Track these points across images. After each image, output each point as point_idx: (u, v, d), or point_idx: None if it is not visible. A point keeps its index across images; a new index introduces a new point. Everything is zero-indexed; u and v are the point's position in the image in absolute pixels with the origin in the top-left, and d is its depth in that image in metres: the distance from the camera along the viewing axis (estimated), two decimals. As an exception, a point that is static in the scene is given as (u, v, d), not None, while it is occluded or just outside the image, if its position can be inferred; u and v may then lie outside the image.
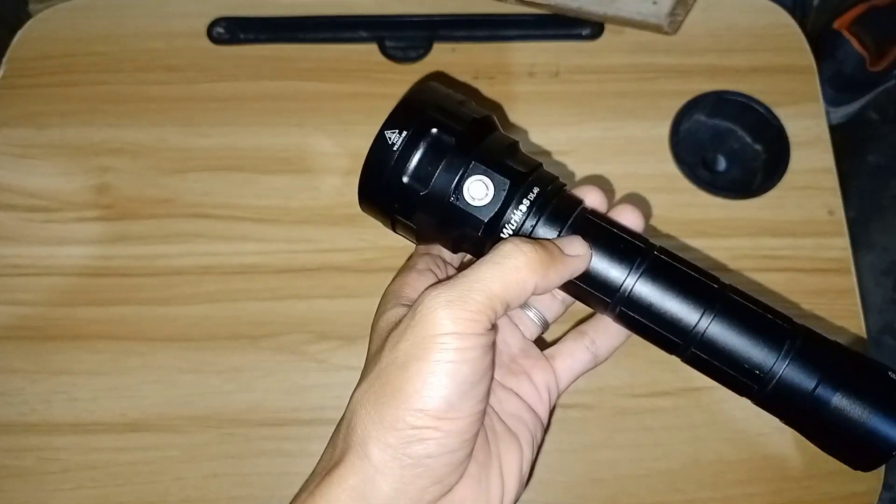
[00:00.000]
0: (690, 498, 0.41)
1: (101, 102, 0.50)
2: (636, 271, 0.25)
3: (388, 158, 0.26)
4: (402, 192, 0.26)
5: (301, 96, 0.50)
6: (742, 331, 0.25)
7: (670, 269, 0.26)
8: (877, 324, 0.91)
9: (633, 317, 0.26)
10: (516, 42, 0.52)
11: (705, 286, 0.26)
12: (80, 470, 0.41)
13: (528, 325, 0.31)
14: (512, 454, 0.27)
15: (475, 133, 0.27)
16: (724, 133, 0.51)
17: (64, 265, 0.45)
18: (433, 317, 0.23)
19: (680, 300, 0.25)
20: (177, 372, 0.42)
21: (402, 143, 0.25)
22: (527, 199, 0.26)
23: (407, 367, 0.23)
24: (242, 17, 0.52)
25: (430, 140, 0.26)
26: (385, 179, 0.26)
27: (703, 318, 0.25)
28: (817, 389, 0.24)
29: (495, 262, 0.24)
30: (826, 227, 0.46)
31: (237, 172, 0.47)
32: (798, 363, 0.24)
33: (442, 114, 0.26)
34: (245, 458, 0.41)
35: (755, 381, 0.25)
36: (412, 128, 0.26)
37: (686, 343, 0.25)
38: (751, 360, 0.25)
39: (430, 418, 0.23)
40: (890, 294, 0.92)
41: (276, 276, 0.45)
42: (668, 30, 0.51)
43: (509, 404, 0.28)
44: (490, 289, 0.24)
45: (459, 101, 0.27)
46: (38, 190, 0.47)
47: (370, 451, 0.23)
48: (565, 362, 0.30)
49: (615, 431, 0.42)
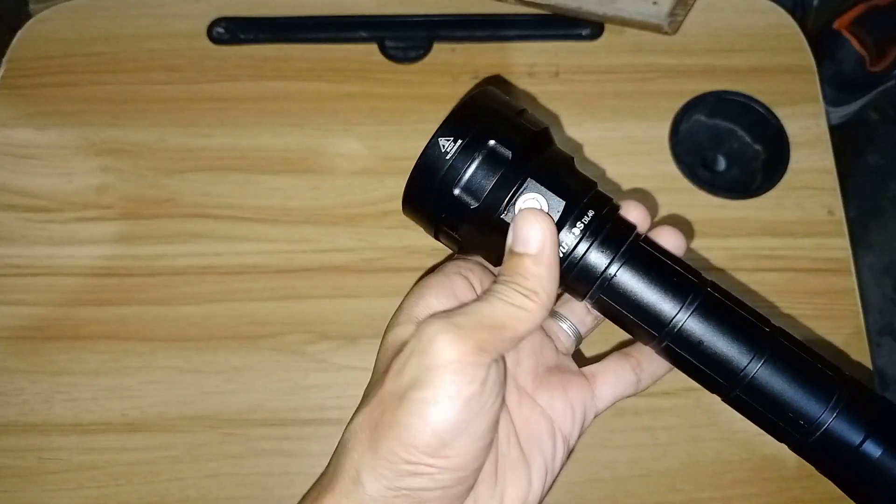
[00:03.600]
0: (690, 498, 0.41)
1: (101, 103, 0.50)
2: (688, 308, 0.24)
3: (440, 167, 0.24)
4: (451, 203, 0.25)
5: (301, 96, 0.50)
6: (791, 379, 0.24)
7: (722, 308, 0.25)
8: (876, 324, 0.91)
9: (680, 353, 0.25)
10: (516, 42, 0.52)
11: (756, 329, 0.25)
12: (80, 470, 0.41)
13: (561, 337, 0.30)
14: (518, 485, 0.26)
15: (532, 147, 0.25)
16: (723, 133, 0.51)
17: (64, 265, 0.45)
18: (439, 346, 0.22)
19: (730, 341, 0.24)
20: (177, 372, 0.42)
21: (455, 152, 0.24)
22: (581, 222, 0.25)
23: (404, 399, 0.23)
24: (242, 18, 0.52)
25: (485, 152, 0.24)
26: (435, 188, 0.25)
27: (753, 362, 0.24)
28: (863, 445, 0.23)
29: (495, 297, 0.24)
30: (826, 227, 0.46)
31: (237, 172, 0.47)
32: (846, 416, 0.24)
33: (500, 124, 0.25)
34: (245, 458, 0.41)
35: (799, 430, 0.24)
36: (468, 137, 0.24)
37: (731, 385, 0.25)
38: (798, 409, 0.24)
39: (423, 454, 0.22)
40: (889, 294, 0.92)
41: (276, 277, 0.45)
42: (668, 30, 0.51)
43: (533, 425, 0.27)
44: (501, 324, 0.23)
45: (518, 111, 0.26)
46: (38, 190, 0.47)
47: (364, 480, 0.23)
48: (608, 380, 0.29)
49: (614, 431, 0.42)
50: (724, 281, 0.44)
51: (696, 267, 0.26)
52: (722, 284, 0.26)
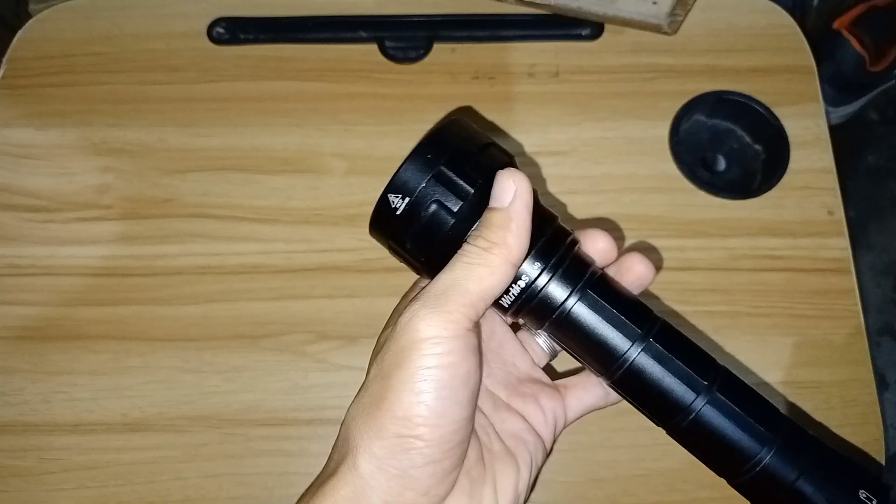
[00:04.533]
0: (690, 498, 0.41)
1: (101, 103, 0.50)
2: (633, 351, 0.25)
3: (392, 222, 0.25)
4: (406, 251, 0.26)
5: (301, 96, 0.50)
6: (725, 430, 0.25)
7: (664, 356, 0.26)
8: (876, 324, 0.91)
9: (625, 392, 0.26)
10: (516, 42, 0.52)
11: (697, 377, 0.26)
12: (80, 470, 0.41)
13: (537, 351, 0.31)
14: (508, 474, 0.27)
15: (487, 187, 0.25)
16: (723, 133, 0.51)
17: (64, 265, 0.45)
18: (411, 325, 0.23)
19: (671, 388, 0.25)
20: (177, 372, 0.42)
21: (404, 210, 0.25)
22: (539, 261, 0.25)
23: (389, 377, 0.23)
24: (242, 18, 0.52)
25: (431, 214, 0.24)
26: (389, 235, 0.26)
27: (691, 407, 0.25)
28: (797, 482, 0.24)
29: (459, 261, 0.24)
30: (826, 227, 0.46)
31: (237, 172, 0.47)
32: (780, 458, 0.25)
33: (446, 176, 0.25)
34: (245, 458, 0.41)
35: (735, 470, 0.25)
36: (412, 193, 0.24)
37: (671, 426, 0.26)
38: (734, 452, 0.25)
39: (412, 425, 0.23)
40: (889, 294, 0.92)
41: (275, 276, 0.45)
42: (667, 30, 0.51)
43: (512, 424, 0.28)
44: (465, 288, 0.23)
45: (478, 148, 0.26)
46: (38, 190, 0.47)
47: (359, 463, 0.23)
48: (577, 394, 0.29)
49: (614, 431, 0.42)
50: (723, 281, 0.45)
51: (697, 267, 0.26)
52: (721, 284, 0.26)
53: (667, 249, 0.45)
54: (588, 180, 0.47)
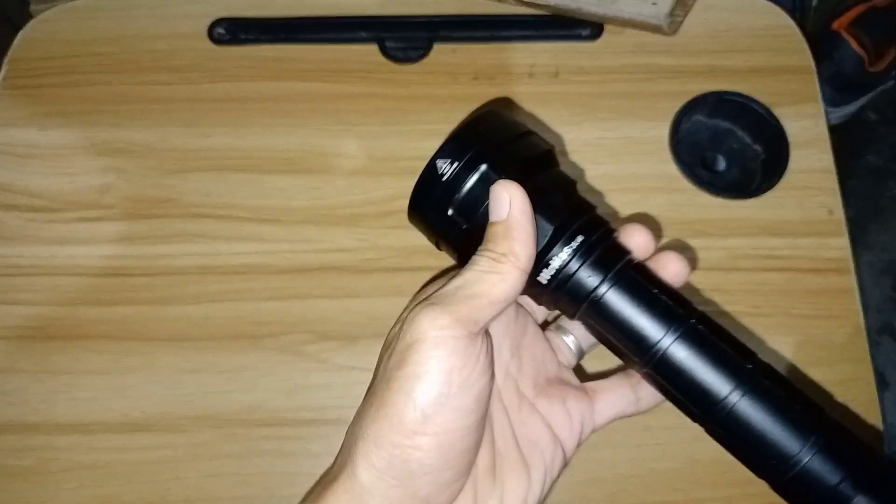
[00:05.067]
0: (690, 497, 0.41)
1: (103, 103, 0.50)
2: (671, 336, 0.25)
3: (437, 188, 0.26)
4: (447, 222, 0.26)
5: (302, 97, 0.50)
6: (767, 419, 0.24)
7: (706, 340, 0.25)
8: (876, 323, 0.91)
9: (660, 381, 0.26)
10: (516, 43, 0.52)
11: (738, 363, 0.25)
12: (81, 469, 0.41)
13: (564, 351, 0.30)
14: (518, 484, 0.26)
15: (528, 170, 0.26)
16: (723, 133, 0.51)
17: (66, 265, 0.45)
18: (416, 322, 0.23)
19: (710, 374, 0.25)
20: (178, 372, 0.42)
21: (451, 175, 0.25)
22: (569, 246, 0.25)
23: (390, 379, 0.23)
24: (243, 18, 0.52)
25: (478, 176, 0.25)
26: (432, 207, 0.26)
27: (730, 397, 0.24)
28: (839, 486, 0.23)
29: (476, 270, 0.24)
30: (825, 226, 0.46)
31: (239, 173, 0.48)
32: (823, 458, 0.23)
33: (496, 147, 0.26)
34: (246, 458, 0.41)
35: (774, 468, 0.24)
36: (463, 160, 0.25)
37: (709, 418, 0.25)
38: (771, 447, 0.24)
39: (408, 432, 0.22)
40: (889, 293, 0.92)
41: (277, 277, 0.45)
42: (667, 30, 0.51)
43: (533, 429, 0.27)
44: (474, 290, 0.23)
45: (520, 133, 0.27)
46: (40, 190, 0.47)
47: (358, 472, 0.23)
48: (607, 397, 0.29)
49: (615, 431, 0.41)
50: (723, 281, 0.45)
51: (697, 267, 0.26)
52: (721, 284, 0.26)
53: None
54: (588, 180, 0.48)
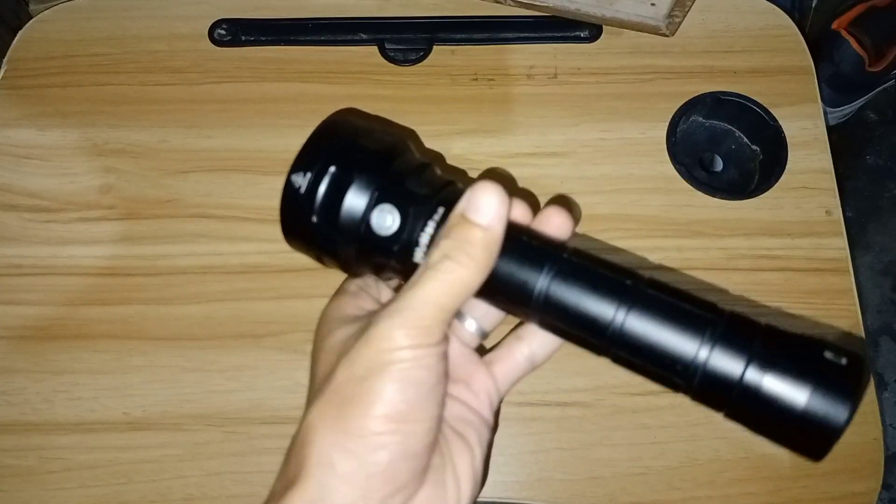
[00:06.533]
0: (688, 496, 0.41)
1: (103, 103, 0.50)
2: (546, 275, 0.25)
3: (298, 201, 0.27)
4: (316, 230, 0.27)
5: (302, 98, 0.50)
6: (657, 324, 0.24)
7: (582, 271, 0.25)
8: (875, 324, 0.91)
9: (553, 324, 0.26)
10: (515, 44, 0.52)
11: (617, 283, 0.25)
12: (82, 469, 0.41)
13: (465, 335, 0.31)
14: (463, 455, 0.27)
15: (380, 162, 0.27)
16: (721, 134, 0.51)
17: (66, 265, 0.45)
18: (388, 334, 0.24)
19: (592, 300, 0.24)
20: (179, 371, 0.43)
21: (307, 185, 0.27)
22: (432, 220, 0.26)
23: (367, 379, 0.24)
24: (244, 19, 0.52)
25: (330, 179, 0.26)
26: (298, 221, 0.27)
27: (617, 315, 0.24)
28: (745, 375, 0.22)
29: (435, 274, 0.24)
30: (824, 227, 0.47)
31: (239, 173, 0.48)
32: (721, 350, 0.23)
33: (342, 150, 0.27)
34: (247, 457, 0.41)
35: (681, 374, 0.23)
36: (313, 168, 0.27)
37: (606, 343, 0.25)
38: (671, 353, 0.23)
39: (393, 423, 0.23)
40: (888, 294, 0.92)
41: (278, 276, 0.45)
42: (665, 31, 0.51)
43: (454, 409, 0.29)
44: (437, 301, 0.24)
45: (366, 131, 0.28)
46: (39, 190, 0.47)
47: (334, 462, 0.23)
48: (502, 368, 0.30)
49: (613, 430, 0.42)
50: (721, 281, 0.45)
51: (695, 267, 0.26)
52: (719, 284, 0.26)
53: (664, 249, 0.46)
54: (586, 181, 0.48)
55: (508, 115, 0.50)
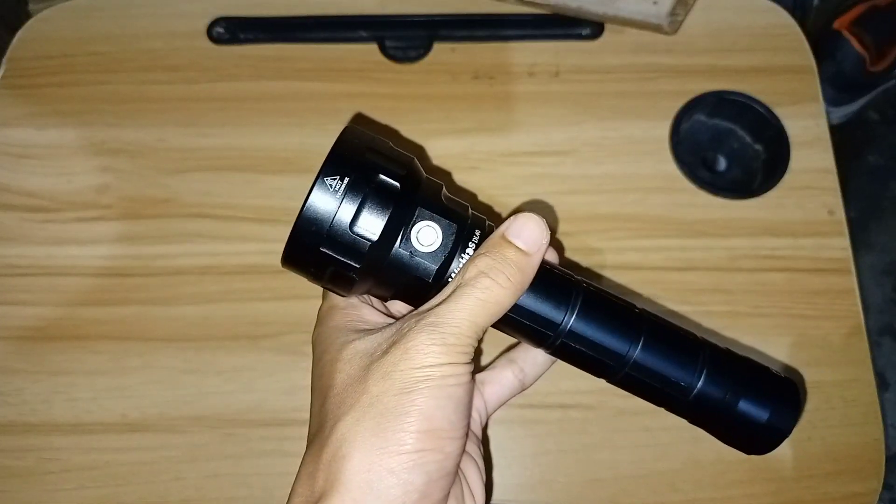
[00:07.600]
0: (690, 498, 0.41)
1: (101, 102, 0.50)
2: (570, 313, 0.27)
3: (331, 209, 0.24)
4: (348, 241, 0.25)
5: (301, 96, 0.50)
6: (666, 353, 0.27)
7: (599, 306, 0.27)
8: (877, 324, 0.91)
9: (573, 349, 0.27)
10: (516, 42, 0.52)
11: (630, 314, 0.28)
12: (80, 470, 0.41)
13: None
14: (472, 471, 0.28)
15: (413, 177, 0.26)
16: (724, 133, 0.51)
17: (64, 265, 0.45)
18: (426, 349, 0.24)
19: (613, 331, 0.27)
20: (177, 372, 0.42)
21: (344, 190, 0.24)
22: (472, 242, 0.26)
23: (407, 393, 0.24)
24: (242, 17, 0.52)
25: (374, 186, 0.25)
26: (326, 231, 0.25)
27: (632, 345, 0.27)
28: (727, 397, 0.27)
29: (471, 291, 0.25)
30: (826, 227, 0.46)
31: (237, 172, 0.47)
32: (711, 380, 0.27)
33: (380, 157, 0.25)
34: (245, 459, 0.41)
35: (678, 396, 0.27)
36: (353, 173, 0.24)
37: (620, 366, 0.27)
38: (673, 380, 0.27)
39: (436, 439, 0.23)
40: (890, 294, 0.92)
41: (276, 277, 0.45)
42: (668, 30, 0.51)
43: None
44: (473, 318, 0.25)
45: (389, 144, 0.27)
46: (37, 190, 0.47)
47: (373, 482, 0.23)
48: (493, 389, 0.31)
49: (615, 432, 0.42)
50: (724, 281, 0.45)
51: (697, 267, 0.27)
52: (722, 284, 0.27)
53: (667, 249, 0.45)
54: (588, 180, 0.47)
55: (510, 113, 0.49)
